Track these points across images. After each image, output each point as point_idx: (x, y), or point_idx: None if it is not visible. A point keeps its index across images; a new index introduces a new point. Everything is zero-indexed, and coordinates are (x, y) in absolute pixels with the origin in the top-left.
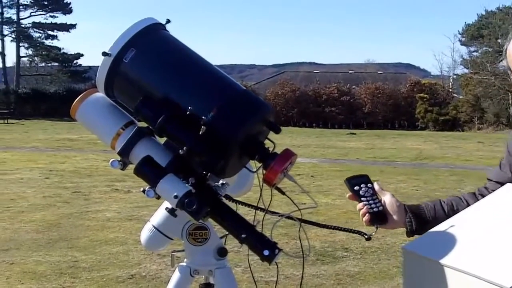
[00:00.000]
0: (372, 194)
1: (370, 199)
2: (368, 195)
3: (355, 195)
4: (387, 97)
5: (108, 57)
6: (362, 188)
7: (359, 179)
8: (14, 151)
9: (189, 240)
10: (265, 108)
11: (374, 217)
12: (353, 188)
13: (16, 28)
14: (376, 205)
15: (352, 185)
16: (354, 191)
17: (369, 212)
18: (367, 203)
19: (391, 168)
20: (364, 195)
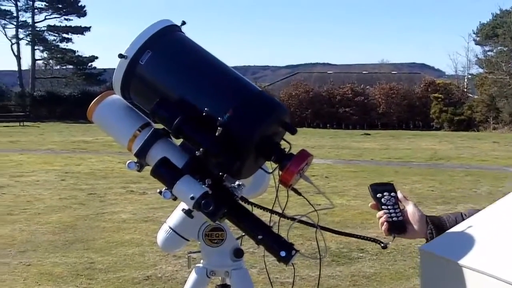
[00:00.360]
0: (394, 203)
1: (391, 208)
2: (389, 204)
3: (377, 202)
4: (402, 98)
5: (124, 59)
6: (385, 196)
7: (384, 186)
8: (30, 153)
9: (205, 241)
10: (280, 109)
11: (392, 226)
12: (375, 195)
13: (31, 31)
14: (396, 214)
15: (375, 192)
16: (376, 198)
17: (388, 221)
18: (387, 211)
19: (406, 169)
20: (385, 203)
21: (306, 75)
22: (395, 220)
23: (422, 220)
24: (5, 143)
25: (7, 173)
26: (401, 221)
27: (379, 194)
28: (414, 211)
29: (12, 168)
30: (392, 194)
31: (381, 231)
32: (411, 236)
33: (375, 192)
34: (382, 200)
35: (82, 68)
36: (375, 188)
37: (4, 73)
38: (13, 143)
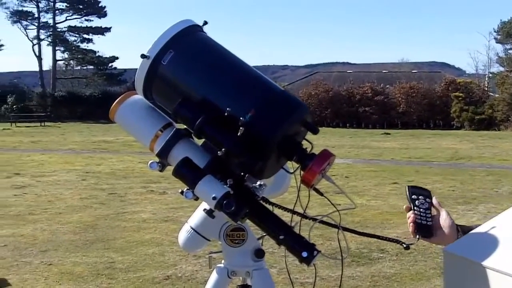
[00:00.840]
0: (427, 208)
1: (423, 211)
2: (422, 207)
3: (411, 203)
4: (422, 97)
5: (147, 60)
6: (420, 199)
7: (421, 191)
8: (51, 153)
9: (226, 242)
10: (302, 108)
11: (419, 228)
12: (411, 196)
13: (52, 32)
14: (426, 218)
15: (411, 193)
16: (411, 199)
17: (416, 222)
18: (418, 213)
19: (427, 168)
20: (418, 206)
21: (325, 74)
22: (424, 224)
23: (453, 226)
24: (27, 143)
25: (29, 173)
26: (429, 225)
27: (415, 196)
28: (446, 217)
29: (34, 168)
30: (427, 199)
31: (402, 232)
32: (439, 241)
33: (412, 193)
34: (416, 202)
35: (102, 69)
36: (412, 190)
37: (25, 74)
38: (34, 143)
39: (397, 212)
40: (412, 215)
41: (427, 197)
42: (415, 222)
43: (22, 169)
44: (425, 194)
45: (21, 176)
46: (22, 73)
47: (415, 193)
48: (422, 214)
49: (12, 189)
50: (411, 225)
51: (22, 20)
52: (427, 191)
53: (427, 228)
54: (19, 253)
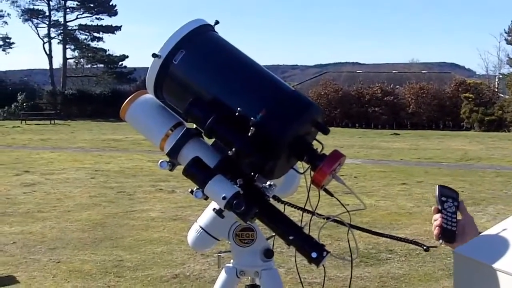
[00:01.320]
0: (453, 212)
1: (450, 216)
2: (450, 211)
3: (439, 204)
4: (432, 97)
5: (158, 59)
6: (449, 201)
7: (450, 192)
8: (60, 151)
9: (235, 241)
10: (314, 108)
11: (444, 233)
12: (440, 198)
13: (63, 30)
14: (452, 223)
15: (441, 194)
16: (440, 200)
17: (442, 227)
18: (445, 217)
19: (436, 169)
20: (446, 209)
21: (335, 74)
22: (449, 229)
23: (476, 234)
24: (36, 140)
25: (38, 171)
26: (454, 231)
27: (444, 197)
28: (472, 224)
29: (43, 165)
30: (455, 203)
31: (411, 232)
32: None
33: (441, 194)
34: (445, 205)
35: (112, 67)
36: (442, 190)
37: (36, 72)
38: (44, 141)
39: (406, 213)
40: (439, 218)
41: (455, 200)
42: (441, 226)
43: (32, 167)
44: (453, 197)
45: (31, 174)
46: (33, 71)
47: (445, 194)
48: (448, 219)
49: (22, 187)
50: (436, 229)
51: (33, 18)
52: (455, 193)
53: (452, 233)
54: (27, 251)
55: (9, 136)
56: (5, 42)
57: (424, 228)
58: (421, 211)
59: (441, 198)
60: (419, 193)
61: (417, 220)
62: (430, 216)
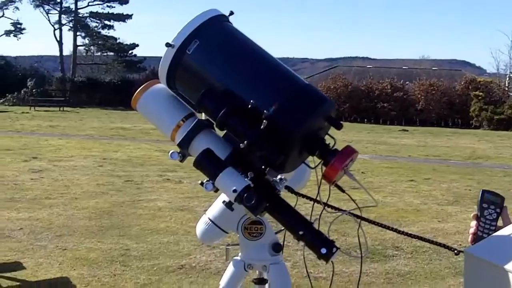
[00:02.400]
0: (493, 220)
1: (488, 224)
2: (489, 219)
3: (480, 210)
4: (441, 94)
5: (171, 48)
6: (491, 208)
7: (495, 197)
8: (69, 138)
9: (244, 235)
10: (327, 103)
11: (476, 240)
12: (482, 204)
13: (74, 17)
14: (489, 231)
15: (483, 201)
16: (482, 207)
17: (477, 234)
18: (482, 224)
19: (444, 167)
20: (486, 216)
21: (345, 68)
22: (484, 237)
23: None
24: (45, 127)
25: (46, 157)
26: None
27: (485, 204)
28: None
29: (51, 152)
30: (497, 210)
31: (418, 230)
32: None
33: (483, 201)
34: (485, 212)
35: (122, 56)
36: (487, 196)
37: (46, 58)
38: (53, 128)
39: (413, 210)
40: (475, 226)
41: (498, 207)
42: (475, 234)
43: (40, 153)
44: (497, 203)
45: (39, 160)
46: (43, 57)
47: (488, 200)
48: (486, 226)
49: (30, 173)
50: (470, 236)
51: (45, 5)
52: (500, 198)
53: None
54: (34, 237)
55: (18, 122)
56: (16, 28)
57: (431, 226)
58: (428, 208)
59: (482, 205)
60: (426, 190)
61: (424, 217)
62: (437, 214)
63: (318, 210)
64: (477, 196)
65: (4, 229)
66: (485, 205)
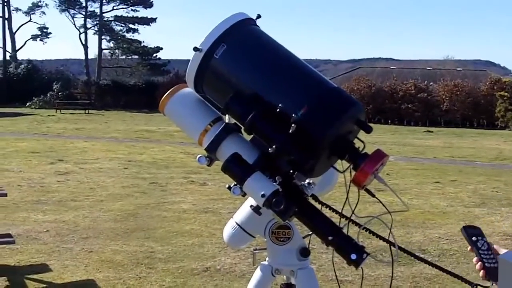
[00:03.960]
0: (488, 249)
1: (486, 253)
2: (484, 249)
3: (473, 246)
4: (466, 95)
5: (199, 52)
6: (479, 240)
7: (476, 230)
8: (94, 140)
9: (271, 239)
10: (357, 106)
11: (490, 273)
12: (471, 238)
13: (99, 21)
14: (491, 260)
15: (470, 236)
16: (472, 241)
17: (485, 267)
18: (484, 256)
19: (470, 168)
20: (481, 248)
21: (368, 70)
22: (492, 266)
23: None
24: (71, 130)
25: (72, 160)
26: (497, 267)
27: (474, 237)
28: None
29: (77, 155)
30: (484, 239)
31: (444, 232)
32: None
33: (471, 235)
34: (478, 244)
35: (147, 59)
36: (469, 231)
37: (71, 62)
38: (78, 130)
39: (439, 213)
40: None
41: (483, 236)
42: (484, 267)
43: (66, 156)
44: (478, 233)
45: (65, 163)
46: (69, 60)
47: (473, 234)
48: (487, 257)
49: (56, 175)
50: (481, 272)
51: (70, 9)
52: (478, 229)
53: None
54: (60, 239)
55: (44, 125)
56: (42, 32)
57: (457, 229)
58: (454, 210)
59: (471, 239)
60: (452, 192)
61: (450, 220)
62: (464, 216)
63: (347, 214)
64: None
65: (31, 231)
66: (474, 238)
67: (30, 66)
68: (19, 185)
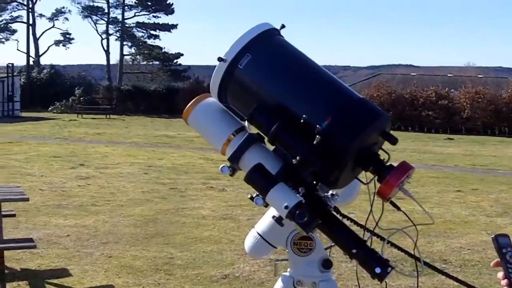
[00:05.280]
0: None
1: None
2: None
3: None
4: (488, 102)
5: (223, 63)
6: (509, 251)
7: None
8: (115, 145)
9: (293, 250)
10: (382, 117)
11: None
12: (501, 250)
13: (120, 27)
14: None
15: (500, 246)
16: (501, 253)
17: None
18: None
19: (492, 177)
20: (509, 260)
21: (388, 76)
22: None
23: None
24: (92, 134)
25: (93, 165)
26: None
27: (504, 249)
28: None
29: (98, 159)
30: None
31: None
32: None
33: (500, 245)
34: (507, 256)
35: (167, 64)
36: (500, 240)
37: (93, 67)
38: (99, 135)
39: (461, 222)
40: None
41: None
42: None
43: (87, 160)
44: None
45: (86, 167)
46: (90, 66)
47: (504, 244)
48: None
49: (77, 180)
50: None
51: (93, 15)
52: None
53: None
54: (81, 244)
55: (65, 129)
56: (65, 38)
57: (480, 238)
58: (476, 220)
59: (502, 251)
60: (474, 201)
61: (472, 229)
62: (486, 226)
63: (370, 226)
64: None
65: (52, 235)
66: (504, 250)
67: (53, 71)
68: (40, 189)
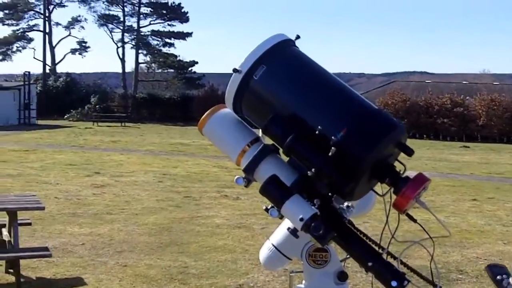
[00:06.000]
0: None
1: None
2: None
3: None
4: (504, 110)
5: (238, 74)
6: (505, 278)
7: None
8: (130, 153)
9: (308, 262)
10: (398, 129)
11: None
12: (495, 278)
13: (136, 35)
14: None
15: (495, 274)
16: (496, 281)
17: None
18: None
19: (508, 186)
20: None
21: (403, 83)
22: None
23: None
24: (107, 142)
25: (108, 173)
26: None
27: (499, 276)
28: None
29: (113, 167)
30: (510, 279)
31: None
32: None
33: (495, 274)
34: (504, 283)
35: (182, 72)
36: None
37: (109, 75)
38: (114, 143)
39: (477, 231)
40: None
41: (507, 273)
42: None
43: (102, 168)
44: (506, 272)
45: (101, 175)
46: (106, 74)
47: (497, 273)
48: None
49: (92, 188)
50: None
51: (108, 24)
52: (503, 268)
53: None
54: (95, 253)
55: (81, 137)
56: (81, 46)
57: (496, 248)
58: (492, 229)
59: (496, 278)
60: (490, 210)
61: (488, 239)
62: (502, 236)
63: (386, 237)
64: None
65: (67, 244)
66: (499, 277)
67: (69, 79)
68: (56, 197)
